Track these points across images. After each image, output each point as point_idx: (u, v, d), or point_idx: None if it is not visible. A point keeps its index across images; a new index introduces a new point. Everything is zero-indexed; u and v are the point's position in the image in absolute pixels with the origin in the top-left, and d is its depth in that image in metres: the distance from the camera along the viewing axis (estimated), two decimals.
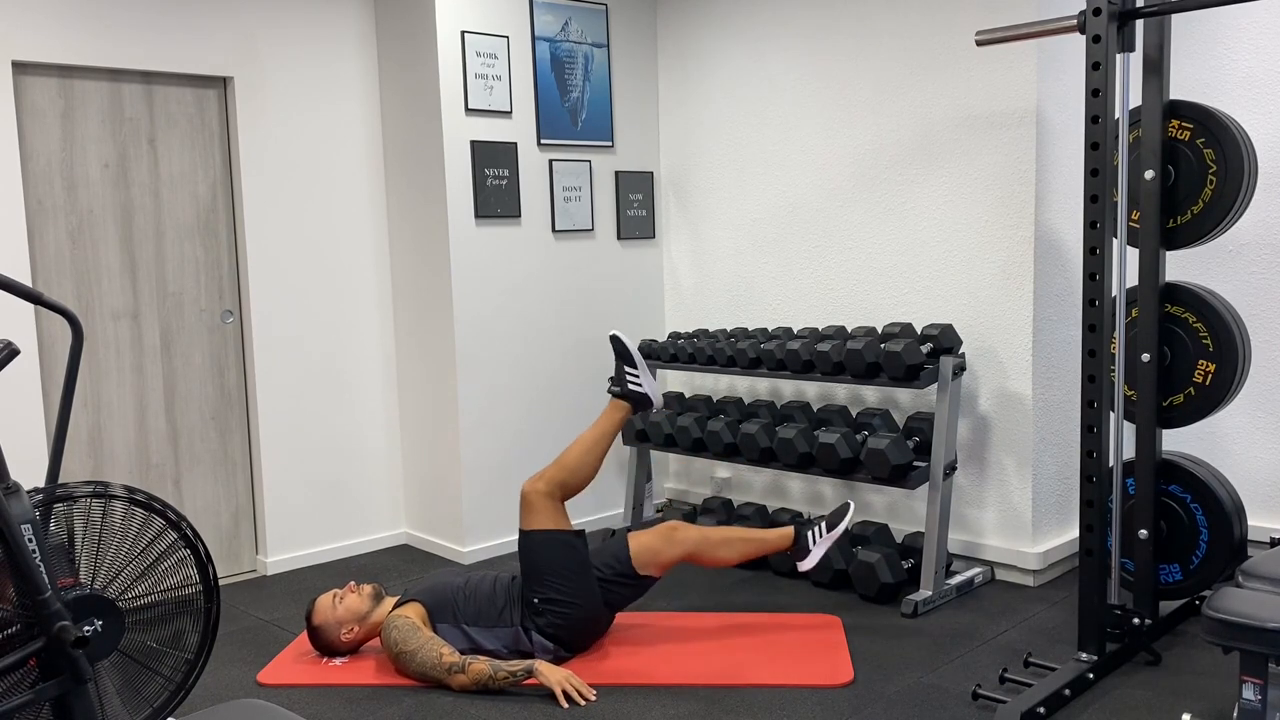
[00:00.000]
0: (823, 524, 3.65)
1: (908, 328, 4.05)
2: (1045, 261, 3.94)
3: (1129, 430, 3.46)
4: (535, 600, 3.41)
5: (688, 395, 4.98)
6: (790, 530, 3.67)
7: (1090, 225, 3.10)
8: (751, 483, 4.96)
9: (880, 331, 4.14)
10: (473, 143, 4.47)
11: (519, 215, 4.66)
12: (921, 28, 4.13)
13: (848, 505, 3.69)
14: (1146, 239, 3.34)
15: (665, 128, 5.18)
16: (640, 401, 3.71)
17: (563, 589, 3.40)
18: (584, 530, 3.55)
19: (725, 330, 4.72)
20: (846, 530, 3.93)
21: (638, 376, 3.70)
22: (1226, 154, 3.21)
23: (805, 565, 3.62)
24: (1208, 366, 3.30)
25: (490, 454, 4.65)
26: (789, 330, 4.48)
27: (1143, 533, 3.38)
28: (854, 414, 4.35)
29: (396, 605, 3.47)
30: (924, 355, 3.87)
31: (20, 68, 3.91)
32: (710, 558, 3.57)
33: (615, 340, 3.73)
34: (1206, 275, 4.16)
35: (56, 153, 4.03)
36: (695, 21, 4.97)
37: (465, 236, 4.50)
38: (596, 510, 5.00)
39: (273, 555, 4.56)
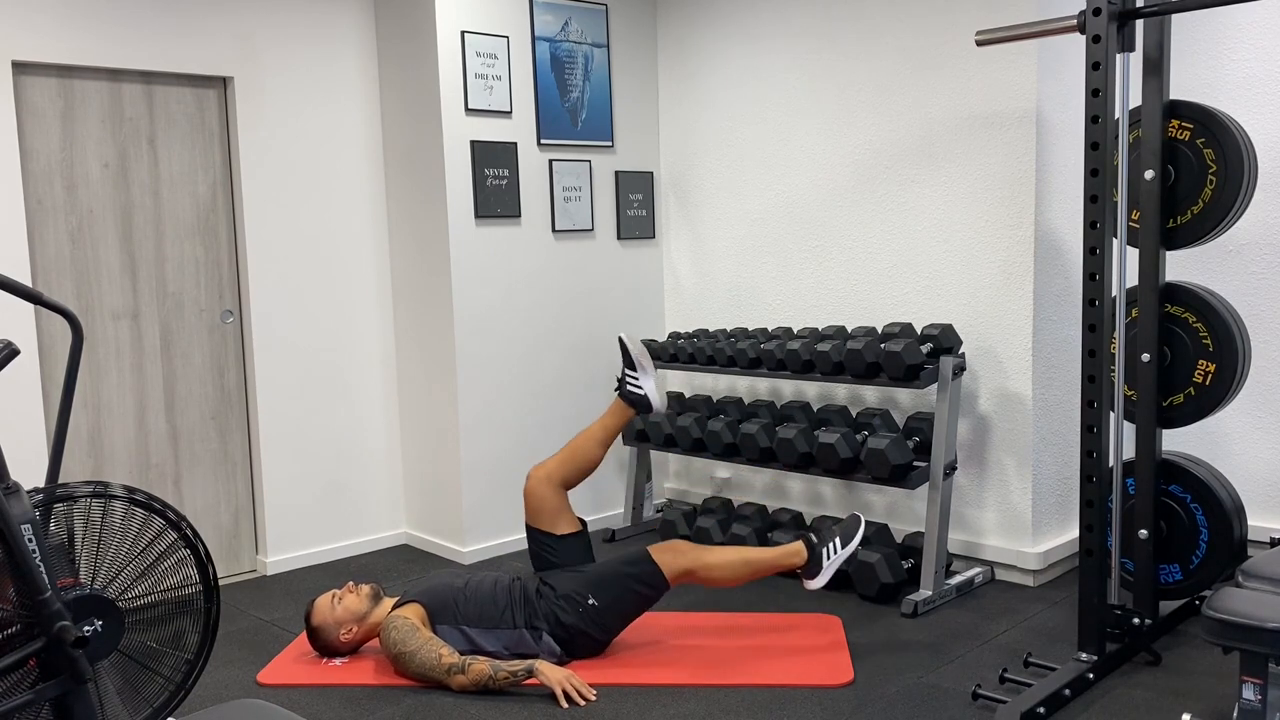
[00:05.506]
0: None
1: (908, 328, 4.05)
2: (1045, 261, 3.94)
3: (1129, 430, 3.46)
4: (590, 600, 3.39)
5: (688, 395, 4.98)
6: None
7: (1090, 225, 3.10)
8: (751, 483, 4.96)
9: (880, 331, 4.14)
10: (473, 143, 4.47)
11: (519, 215, 4.66)
12: (921, 28, 4.13)
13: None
14: (1146, 239, 3.34)
15: (665, 128, 5.18)
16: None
17: (613, 615, 3.42)
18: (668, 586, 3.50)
19: (725, 330, 4.72)
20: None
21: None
22: (1226, 154, 3.20)
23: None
24: (1208, 366, 3.30)
25: (490, 454, 4.65)
26: (789, 330, 4.48)
27: (1143, 533, 3.38)
28: (854, 414, 4.35)
29: (396, 606, 3.47)
30: (924, 355, 3.87)
31: (20, 68, 3.91)
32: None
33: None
34: (1206, 275, 4.16)
35: (56, 153, 4.03)
36: (695, 21, 4.97)
37: (465, 236, 4.50)
38: (596, 510, 5.00)
39: (273, 555, 4.56)
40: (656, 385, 3.73)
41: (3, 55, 3.83)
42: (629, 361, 3.71)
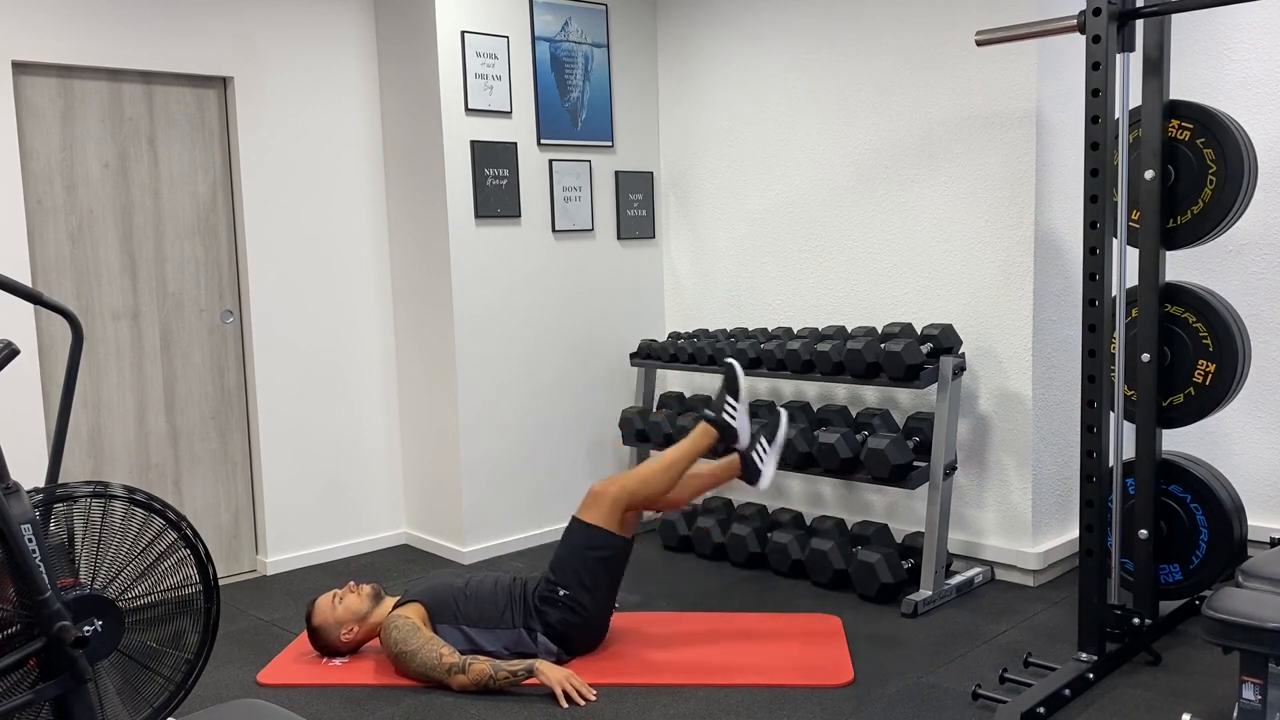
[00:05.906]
0: (762, 438, 3.58)
1: (908, 328, 4.05)
2: (1045, 261, 3.94)
3: (1129, 430, 3.46)
4: (561, 592, 3.39)
5: (688, 395, 4.98)
6: (735, 459, 3.59)
7: (1090, 225, 3.10)
8: None
9: (880, 331, 4.14)
10: (473, 143, 4.47)
11: (519, 215, 4.66)
12: (921, 27, 4.13)
13: (779, 412, 3.61)
14: (1146, 239, 3.34)
15: (665, 128, 5.18)
16: (729, 434, 3.62)
17: (590, 593, 3.41)
18: (634, 539, 3.52)
19: (725, 330, 4.72)
20: (791, 430, 3.81)
21: (735, 410, 3.63)
22: (1226, 154, 3.20)
23: (763, 484, 3.57)
24: (1208, 366, 3.30)
25: (490, 454, 4.65)
26: (789, 330, 4.48)
27: (1143, 533, 3.38)
28: (854, 414, 4.35)
29: (396, 606, 3.47)
30: (924, 355, 3.87)
31: (20, 68, 3.91)
32: (647, 502, 3.48)
33: (729, 368, 3.67)
34: (1206, 275, 4.16)
35: (56, 153, 4.03)
36: (695, 21, 4.97)
37: (465, 236, 4.50)
38: None
39: (273, 555, 4.56)
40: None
41: (3, 55, 3.83)
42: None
